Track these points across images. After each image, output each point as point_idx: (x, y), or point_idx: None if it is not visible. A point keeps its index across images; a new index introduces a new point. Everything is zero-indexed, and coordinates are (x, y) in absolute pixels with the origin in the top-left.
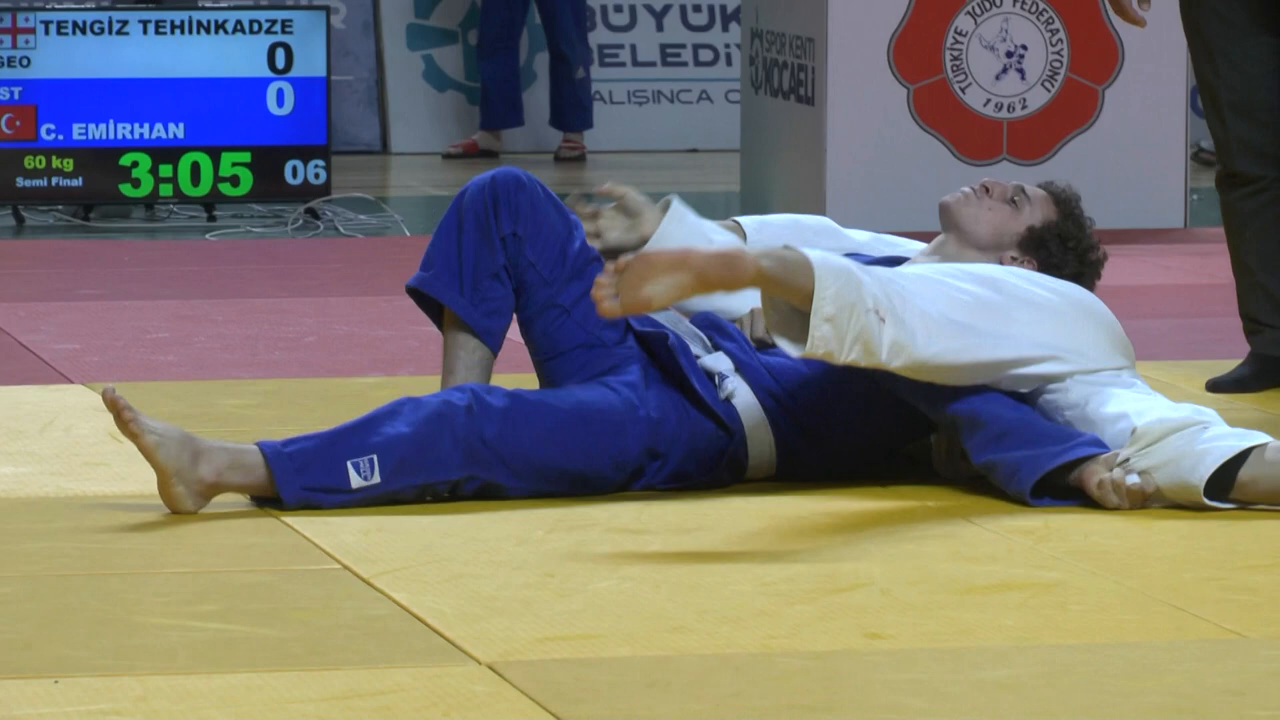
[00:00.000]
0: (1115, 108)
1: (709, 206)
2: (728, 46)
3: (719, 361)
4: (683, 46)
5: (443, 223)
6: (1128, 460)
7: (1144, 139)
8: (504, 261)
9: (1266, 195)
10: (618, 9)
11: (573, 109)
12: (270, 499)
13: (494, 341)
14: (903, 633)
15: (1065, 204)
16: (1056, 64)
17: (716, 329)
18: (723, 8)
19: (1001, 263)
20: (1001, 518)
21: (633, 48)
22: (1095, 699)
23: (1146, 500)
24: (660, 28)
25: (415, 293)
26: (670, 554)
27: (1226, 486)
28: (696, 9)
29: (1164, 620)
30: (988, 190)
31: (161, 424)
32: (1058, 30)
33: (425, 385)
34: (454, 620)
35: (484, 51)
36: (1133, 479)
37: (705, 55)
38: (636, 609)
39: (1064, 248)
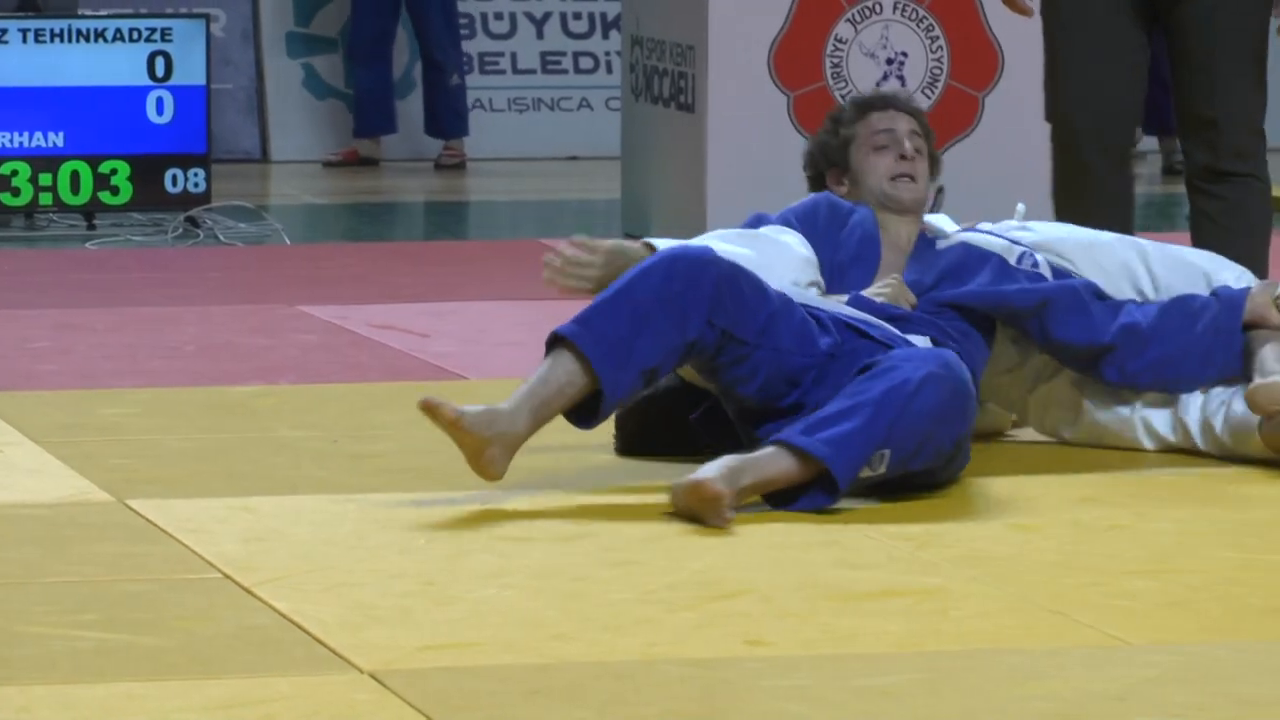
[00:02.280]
0: (995, 114)
1: (589, 214)
2: (608, 54)
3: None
4: (563, 54)
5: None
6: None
7: (1023, 145)
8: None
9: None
10: (498, 16)
11: (448, 116)
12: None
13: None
14: (784, 640)
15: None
16: (937, 71)
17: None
18: (603, 15)
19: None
20: (884, 524)
21: (513, 55)
22: (976, 705)
23: None
24: (540, 35)
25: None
26: (552, 562)
27: None
28: (577, 16)
29: (1045, 626)
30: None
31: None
32: (938, 38)
33: (306, 394)
34: (335, 629)
35: (356, 59)
36: None
37: (586, 63)
38: (518, 617)
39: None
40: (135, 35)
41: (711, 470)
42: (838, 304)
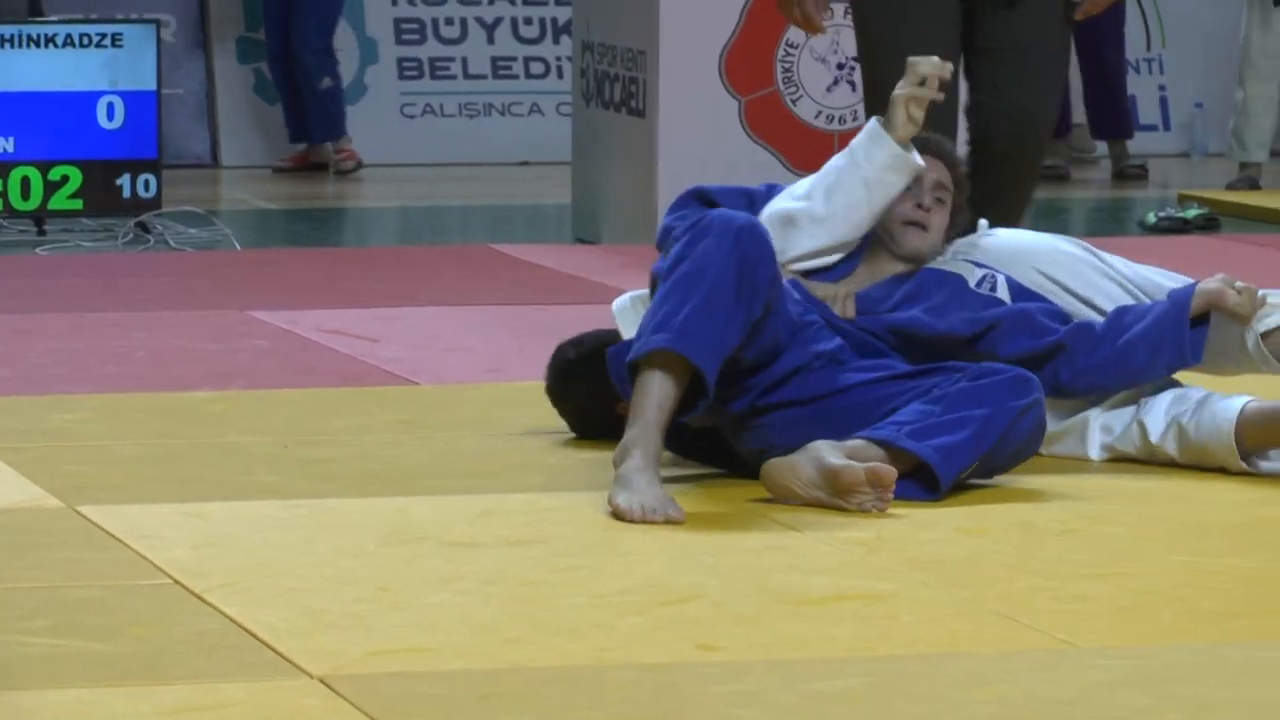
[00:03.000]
0: None
1: (541, 219)
2: (559, 59)
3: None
4: (514, 59)
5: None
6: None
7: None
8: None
9: None
10: (448, 22)
11: (317, 118)
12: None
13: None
14: (735, 644)
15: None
16: None
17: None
18: (554, 20)
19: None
20: (834, 529)
21: (464, 60)
22: (927, 709)
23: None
24: (491, 40)
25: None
26: (502, 567)
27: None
28: (528, 21)
29: (996, 630)
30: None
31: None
32: None
33: (257, 399)
34: (286, 634)
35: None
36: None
37: (536, 68)
38: (469, 622)
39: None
40: (86, 41)
41: (840, 458)
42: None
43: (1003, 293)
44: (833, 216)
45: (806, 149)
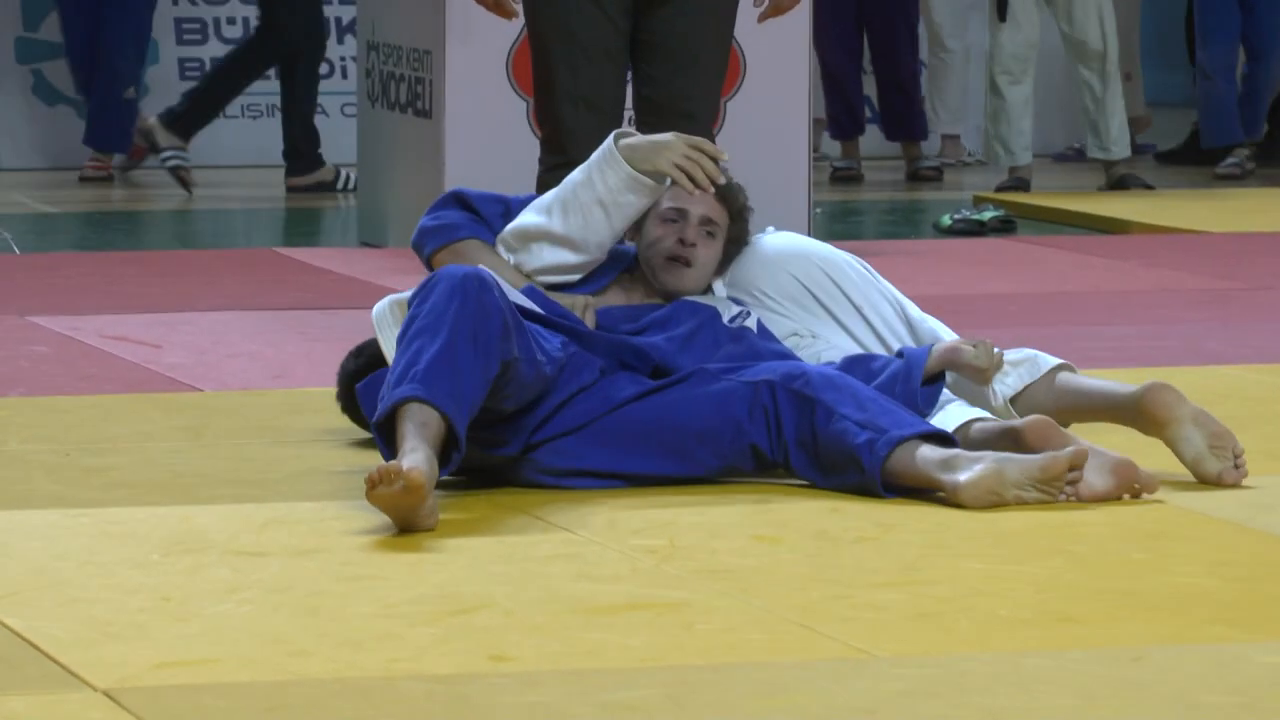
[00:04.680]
0: (737, 121)
1: (325, 222)
2: (343, 59)
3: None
4: None
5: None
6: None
7: (767, 152)
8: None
9: None
10: (230, 21)
11: (115, 129)
12: None
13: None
14: (527, 654)
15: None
16: None
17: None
18: (338, 19)
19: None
20: (625, 537)
21: (214, 61)
22: None
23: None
24: None
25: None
26: (289, 576)
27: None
28: None
29: (792, 639)
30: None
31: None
32: None
33: (37, 406)
34: (69, 646)
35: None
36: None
37: (321, 68)
38: (255, 633)
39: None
40: None
41: (1016, 457)
42: (514, 291)
43: (753, 328)
44: (571, 236)
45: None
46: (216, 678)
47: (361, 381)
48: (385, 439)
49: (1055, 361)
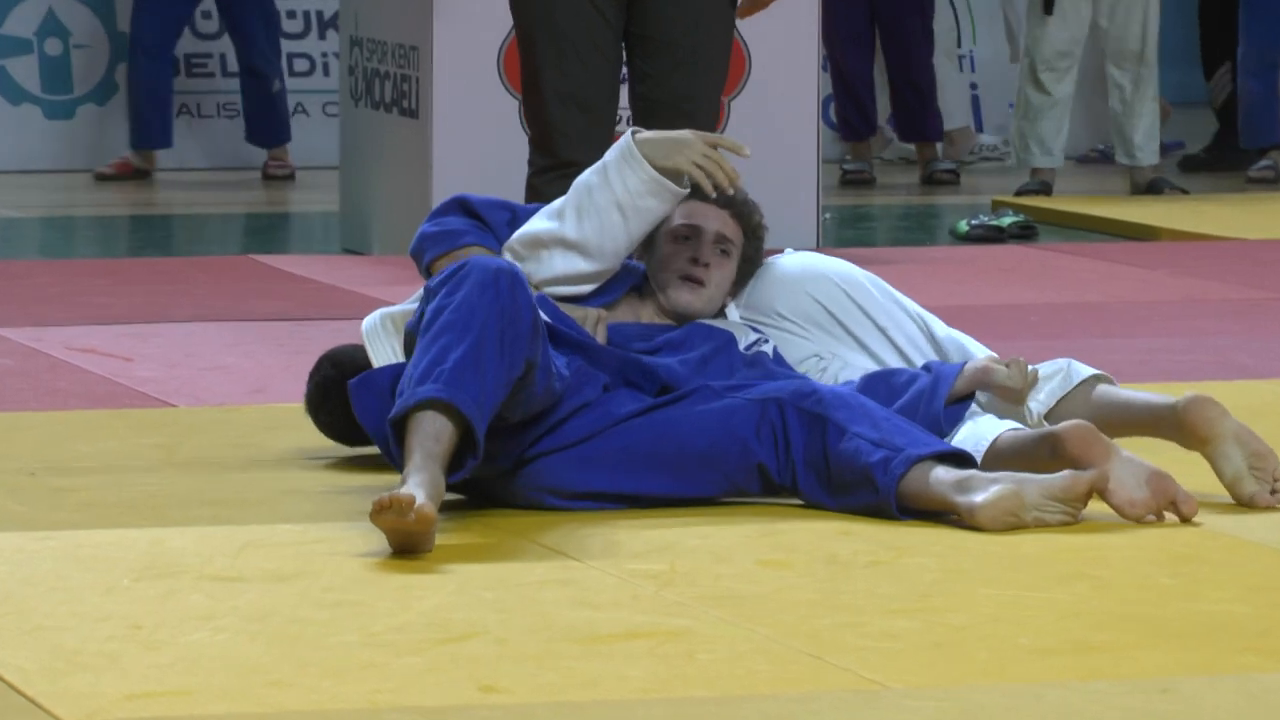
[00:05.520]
0: (742, 121)
1: (306, 228)
2: (325, 55)
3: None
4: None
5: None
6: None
7: (773, 155)
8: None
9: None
10: (205, 15)
11: (273, 123)
12: None
13: None
14: (520, 686)
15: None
16: None
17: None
18: (319, 14)
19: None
20: (623, 561)
21: (222, 57)
22: None
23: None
24: None
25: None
26: (267, 602)
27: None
28: (291, 15)
29: (800, 670)
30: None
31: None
32: None
33: (1, 423)
34: (35, 677)
35: (136, 60)
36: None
37: (301, 65)
38: (232, 662)
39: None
40: None
41: (1000, 488)
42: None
43: (768, 355)
44: (585, 242)
45: None
46: (190, 710)
47: (355, 378)
48: (397, 436)
49: (1090, 372)
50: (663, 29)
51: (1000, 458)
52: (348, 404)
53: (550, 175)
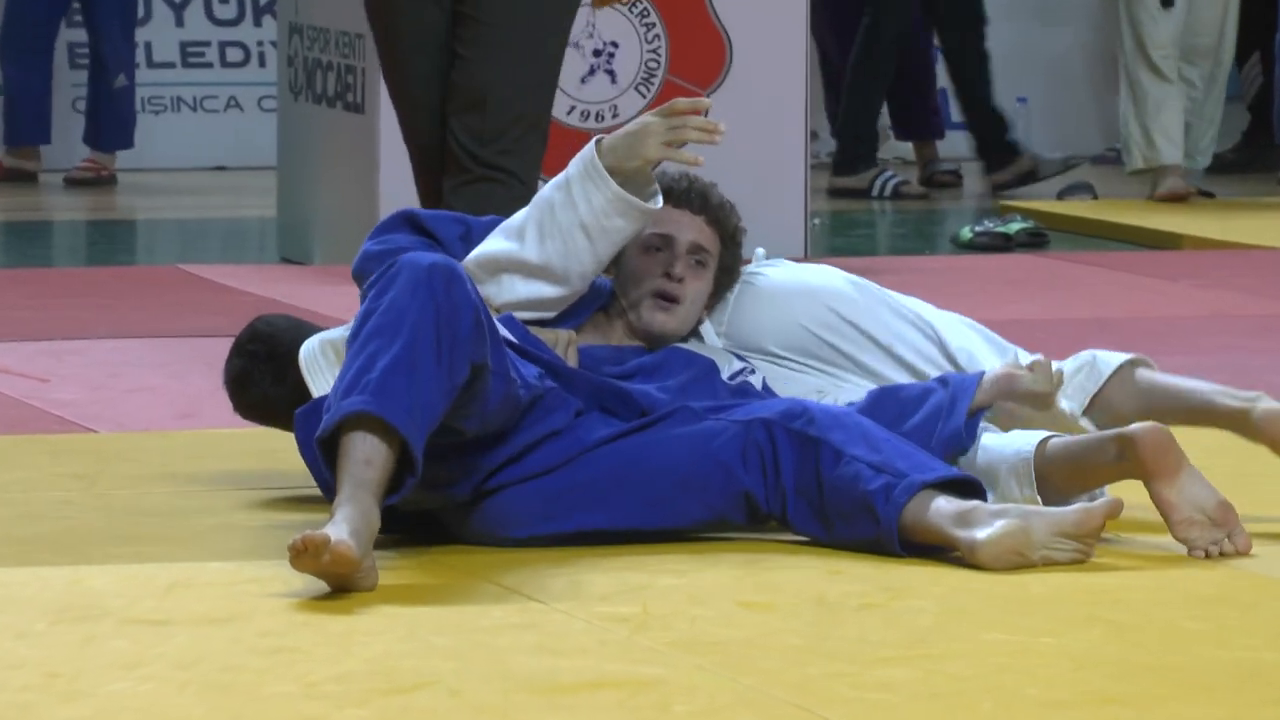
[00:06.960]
0: (720, 117)
1: (240, 234)
2: (261, 44)
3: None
4: (207, 44)
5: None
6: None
7: (756, 153)
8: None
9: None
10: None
11: (109, 124)
12: None
13: None
14: None
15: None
16: (653, 64)
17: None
18: None
19: None
20: (590, 603)
21: (147, 46)
22: None
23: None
24: (180, 22)
25: None
26: (197, 649)
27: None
28: (224, 0)
29: None
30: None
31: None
32: (654, 25)
33: None
34: None
35: (8, 55)
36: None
37: (234, 55)
38: (158, 715)
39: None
40: None
41: (1005, 524)
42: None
43: (756, 387)
44: (548, 266)
45: (559, 150)
46: None
47: (302, 408)
48: (327, 458)
49: (1121, 358)
50: (481, 11)
51: (1053, 463)
52: (272, 384)
53: (421, 180)
